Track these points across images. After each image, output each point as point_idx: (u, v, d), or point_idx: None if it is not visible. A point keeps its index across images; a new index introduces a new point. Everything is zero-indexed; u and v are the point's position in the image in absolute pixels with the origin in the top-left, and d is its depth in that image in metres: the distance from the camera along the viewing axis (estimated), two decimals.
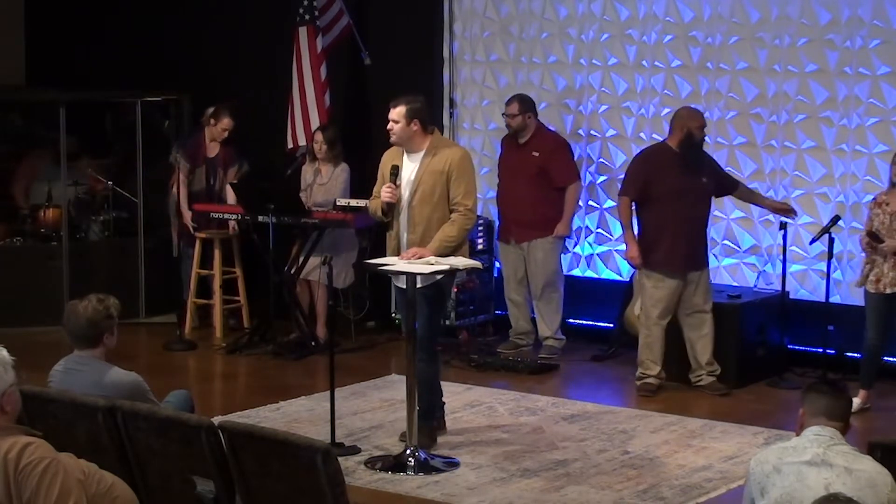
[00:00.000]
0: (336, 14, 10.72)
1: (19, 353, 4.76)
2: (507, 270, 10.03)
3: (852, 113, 9.28)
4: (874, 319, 8.45)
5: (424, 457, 7.36)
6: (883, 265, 8.32)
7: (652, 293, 8.99)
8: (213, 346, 10.19)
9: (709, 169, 9.02)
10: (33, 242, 11.20)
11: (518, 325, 10.06)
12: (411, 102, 7.53)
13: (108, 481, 4.82)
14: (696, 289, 8.97)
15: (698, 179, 8.89)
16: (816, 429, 4.53)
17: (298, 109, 10.64)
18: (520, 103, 9.82)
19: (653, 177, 8.90)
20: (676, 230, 8.84)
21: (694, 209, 8.91)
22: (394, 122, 7.53)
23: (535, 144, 9.82)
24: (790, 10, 9.44)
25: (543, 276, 9.85)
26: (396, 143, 7.60)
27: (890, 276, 8.30)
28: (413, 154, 7.59)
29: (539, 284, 9.86)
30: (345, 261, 10.08)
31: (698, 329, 9.00)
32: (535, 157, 9.76)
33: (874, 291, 8.36)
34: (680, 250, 8.87)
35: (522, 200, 9.80)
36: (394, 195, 7.52)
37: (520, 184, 9.80)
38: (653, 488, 7.07)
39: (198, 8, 11.89)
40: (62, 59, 12.47)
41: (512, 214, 9.91)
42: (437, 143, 7.62)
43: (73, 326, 5.85)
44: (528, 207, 9.80)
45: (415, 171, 7.55)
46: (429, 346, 7.64)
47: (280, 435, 5.16)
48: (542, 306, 9.92)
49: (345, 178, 10.09)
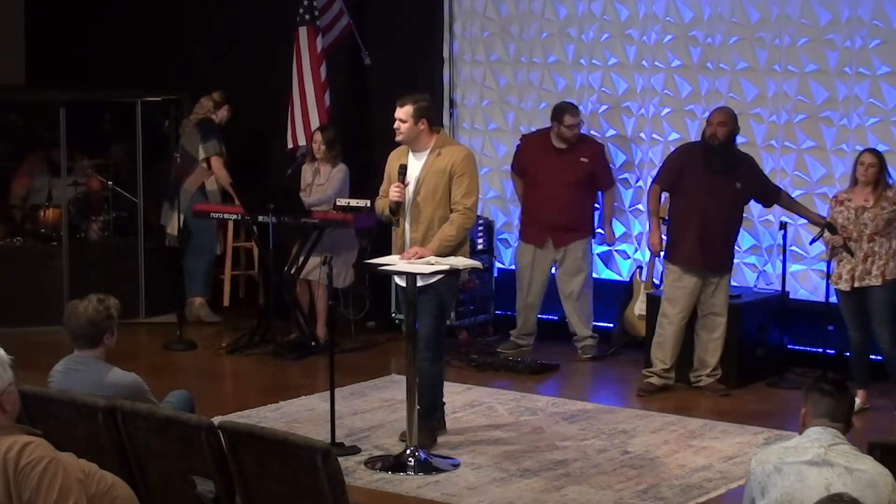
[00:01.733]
0: (336, 14, 10.72)
1: (19, 353, 4.75)
2: (534, 274, 9.89)
3: (852, 113, 9.28)
4: (852, 317, 8.53)
5: (424, 457, 7.36)
6: (854, 259, 8.38)
7: (669, 291, 8.99)
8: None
9: (746, 174, 8.91)
10: (33, 242, 11.19)
11: (525, 327, 10.03)
12: (419, 101, 7.51)
13: (108, 481, 4.81)
14: (715, 291, 8.94)
15: (730, 182, 8.82)
16: (818, 429, 4.53)
17: (298, 109, 10.64)
18: (577, 112, 9.75)
19: (686, 171, 8.91)
20: (700, 228, 8.82)
21: (720, 210, 8.85)
22: (401, 122, 7.51)
23: (582, 150, 9.76)
24: (790, 10, 9.44)
25: (582, 277, 9.84)
26: (403, 142, 7.59)
27: (860, 269, 8.37)
28: (418, 153, 7.59)
29: (577, 286, 9.83)
30: (345, 261, 10.08)
31: (710, 331, 8.99)
32: (585, 162, 9.72)
33: (846, 289, 8.44)
34: (700, 249, 8.84)
35: (566, 205, 9.72)
36: (402, 194, 7.52)
37: (563, 188, 9.69)
38: (653, 488, 7.07)
39: (197, 8, 11.90)
40: (62, 59, 12.48)
41: (550, 219, 9.75)
42: (442, 143, 7.62)
43: (74, 326, 5.85)
44: (569, 211, 9.75)
45: (419, 170, 7.56)
46: (435, 346, 7.65)
47: (280, 435, 5.16)
48: (578, 307, 9.87)
49: (341, 178, 10.06)
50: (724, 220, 8.91)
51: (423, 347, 7.58)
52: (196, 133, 10.80)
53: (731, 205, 8.93)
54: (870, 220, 8.40)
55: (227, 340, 10.29)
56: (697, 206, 8.85)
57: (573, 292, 9.86)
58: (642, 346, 9.36)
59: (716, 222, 8.87)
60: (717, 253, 8.92)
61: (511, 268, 10.55)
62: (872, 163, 8.42)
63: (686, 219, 8.91)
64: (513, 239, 10.59)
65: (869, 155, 8.48)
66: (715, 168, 8.80)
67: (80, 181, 11.36)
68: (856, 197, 8.49)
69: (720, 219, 8.88)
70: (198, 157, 10.75)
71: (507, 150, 10.55)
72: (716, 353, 8.98)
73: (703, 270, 8.91)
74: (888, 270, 8.38)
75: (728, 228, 8.99)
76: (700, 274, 8.91)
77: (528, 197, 9.96)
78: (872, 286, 8.39)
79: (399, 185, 7.52)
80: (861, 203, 8.44)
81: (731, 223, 8.99)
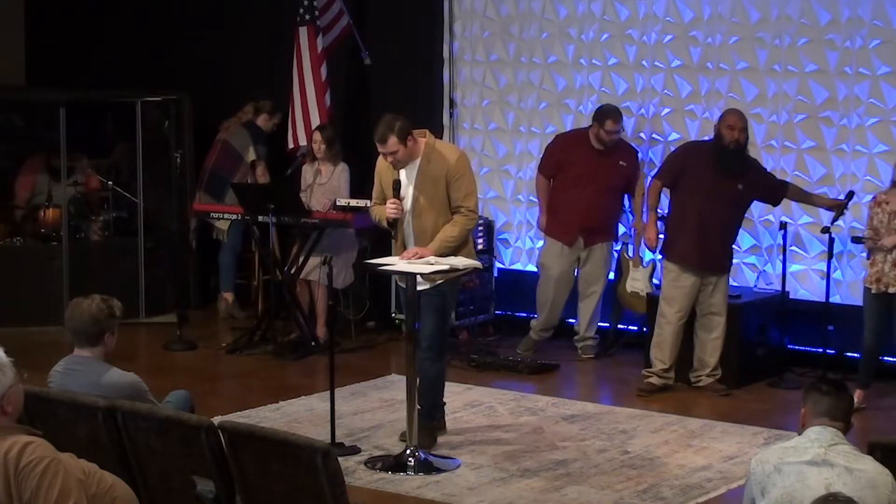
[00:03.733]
0: (336, 14, 10.72)
1: (19, 353, 4.76)
2: (562, 271, 9.80)
3: (852, 113, 9.28)
4: (873, 319, 8.47)
5: (424, 457, 7.36)
6: (883, 264, 8.33)
7: (667, 291, 8.99)
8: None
9: (751, 176, 8.90)
10: (33, 242, 11.20)
11: (550, 321, 9.90)
12: (394, 125, 7.36)
13: (108, 481, 4.81)
14: (713, 291, 8.94)
15: (733, 184, 8.81)
16: (818, 429, 4.53)
17: (299, 109, 10.65)
18: (620, 119, 9.67)
19: (688, 169, 8.92)
20: (698, 228, 8.83)
21: (721, 212, 8.85)
22: (392, 154, 7.41)
23: (620, 153, 9.73)
24: (790, 10, 9.44)
25: (602, 278, 9.84)
26: (403, 166, 7.51)
27: (891, 275, 8.31)
28: (410, 161, 7.55)
29: (600, 287, 9.83)
30: (345, 261, 10.08)
31: (709, 331, 8.99)
32: (623, 166, 9.69)
33: (875, 291, 8.38)
34: (698, 248, 8.84)
35: (600, 205, 9.70)
36: (398, 211, 7.50)
37: (599, 189, 9.65)
38: (653, 488, 7.07)
39: (197, 8, 11.90)
40: (62, 59, 12.48)
41: (582, 218, 9.68)
42: (431, 147, 7.54)
43: (76, 323, 5.82)
44: (602, 212, 9.74)
45: (413, 179, 7.51)
46: (437, 346, 7.64)
47: (280, 435, 5.16)
48: (590, 306, 9.87)
49: (346, 177, 10.08)
50: (722, 220, 8.91)
51: (425, 347, 7.58)
52: (246, 134, 10.87)
53: (731, 206, 8.92)
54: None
55: (227, 340, 10.30)
56: (696, 205, 8.85)
57: (595, 293, 9.85)
58: (641, 346, 9.37)
59: (714, 222, 8.86)
60: (715, 253, 8.92)
61: (511, 268, 10.56)
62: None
63: (685, 217, 8.91)
64: (513, 239, 10.59)
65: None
66: (721, 169, 8.79)
67: (80, 181, 11.36)
68: (893, 199, 8.38)
69: (719, 219, 8.88)
70: (246, 157, 10.83)
71: (506, 150, 10.55)
72: (715, 353, 8.98)
73: (700, 270, 8.90)
74: None
75: (726, 229, 8.98)
76: (698, 273, 8.90)
77: (560, 194, 9.80)
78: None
79: (395, 202, 7.48)
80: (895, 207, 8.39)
81: (730, 224, 8.98)
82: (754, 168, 9.01)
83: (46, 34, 12.67)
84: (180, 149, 11.23)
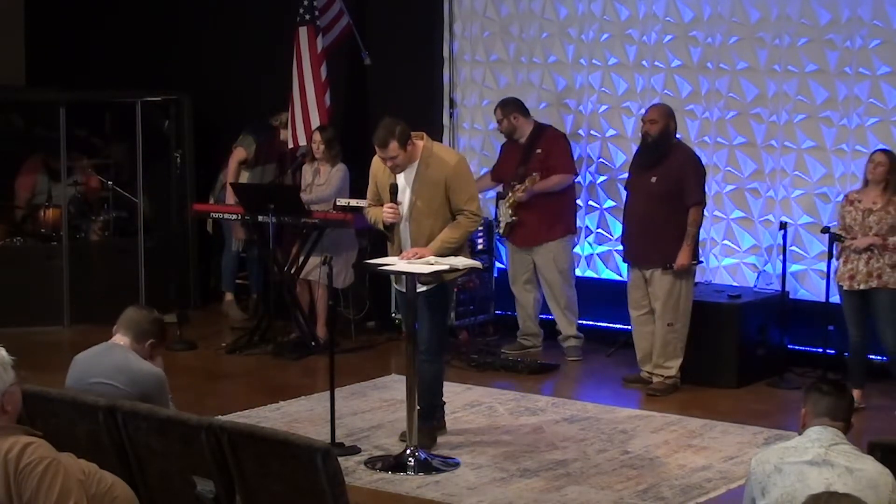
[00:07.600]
0: (336, 14, 10.72)
1: (19, 354, 4.75)
2: (513, 274, 9.99)
3: (852, 113, 9.28)
4: (852, 317, 8.53)
5: (424, 457, 7.36)
6: (857, 262, 8.37)
7: (628, 286, 9.23)
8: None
9: (670, 170, 8.87)
10: (33, 242, 11.20)
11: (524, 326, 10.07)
12: (394, 129, 7.34)
13: (108, 481, 4.81)
14: (649, 285, 9.04)
15: (648, 177, 8.97)
16: (818, 429, 4.53)
17: (299, 109, 10.64)
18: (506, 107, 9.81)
19: (631, 168, 9.28)
20: (628, 223, 9.18)
21: (639, 205, 9.03)
22: (392, 158, 7.40)
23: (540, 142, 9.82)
24: (790, 10, 9.44)
25: (552, 272, 9.88)
26: (402, 170, 7.50)
27: (863, 272, 8.36)
28: (408, 165, 7.53)
29: (548, 280, 9.88)
30: (345, 261, 10.09)
31: (646, 325, 9.09)
32: (539, 153, 9.78)
33: (847, 288, 8.44)
34: (627, 242, 9.20)
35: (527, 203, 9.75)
36: (396, 215, 7.49)
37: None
38: (653, 488, 7.07)
39: (197, 8, 11.90)
40: (62, 59, 12.48)
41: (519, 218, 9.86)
42: (429, 151, 7.51)
43: (135, 313, 5.76)
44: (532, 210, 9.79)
45: (411, 183, 7.50)
46: (435, 346, 7.64)
47: (280, 435, 5.16)
48: (552, 303, 9.95)
49: (340, 177, 10.06)
50: (640, 213, 9.03)
51: (423, 349, 7.57)
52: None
53: (649, 198, 8.94)
54: (875, 222, 8.38)
55: (227, 340, 10.30)
56: (629, 202, 9.19)
57: (551, 287, 9.85)
58: None
59: (636, 216, 9.06)
60: (642, 247, 9.02)
61: None
62: (881, 162, 8.40)
63: (624, 215, 9.27)
64: None
65: (880, 154, 8.47)
66: (640, 163, 9.08)
67: (80, 181, 11.36)
68: (865, 198, 8.47)
69: (637, 212, 9.06)
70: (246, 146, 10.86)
71: None
72: (659, 350, 8.99)
73: (636, 264, 9.08)
74: (892, 274, 8.37)
75: (646, 222, 8.95)
76: (638, 267, 9.08)
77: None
78: (875, 288, 8.38)
79: (393, 206, 7.47)
80: (869, 205, 8.43)
81: (648, 216, 8.94)
82: (680, 166, 8.90)
83: (46, 34, 12.67)
84: (180, 149, 11.24)
